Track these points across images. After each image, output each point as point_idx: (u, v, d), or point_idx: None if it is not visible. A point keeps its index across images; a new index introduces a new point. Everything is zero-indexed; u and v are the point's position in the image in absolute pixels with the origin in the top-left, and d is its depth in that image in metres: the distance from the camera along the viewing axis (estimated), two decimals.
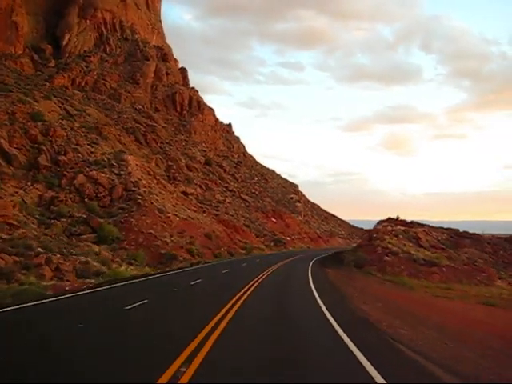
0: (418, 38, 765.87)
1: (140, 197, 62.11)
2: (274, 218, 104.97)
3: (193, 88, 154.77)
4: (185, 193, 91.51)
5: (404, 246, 48.26)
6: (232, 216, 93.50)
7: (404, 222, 66.34)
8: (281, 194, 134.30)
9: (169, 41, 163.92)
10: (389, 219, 68.66)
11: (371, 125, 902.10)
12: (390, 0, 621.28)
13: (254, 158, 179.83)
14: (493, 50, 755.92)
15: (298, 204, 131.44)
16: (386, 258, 44.10)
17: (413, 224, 65.45)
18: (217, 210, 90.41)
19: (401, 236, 52.34)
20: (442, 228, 68.24)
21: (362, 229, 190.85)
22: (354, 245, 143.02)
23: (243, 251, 70.64)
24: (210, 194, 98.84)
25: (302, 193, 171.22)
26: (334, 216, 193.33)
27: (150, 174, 75.16)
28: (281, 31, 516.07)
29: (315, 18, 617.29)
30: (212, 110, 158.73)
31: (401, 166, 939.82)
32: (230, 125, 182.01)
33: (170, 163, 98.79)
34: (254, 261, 56.70)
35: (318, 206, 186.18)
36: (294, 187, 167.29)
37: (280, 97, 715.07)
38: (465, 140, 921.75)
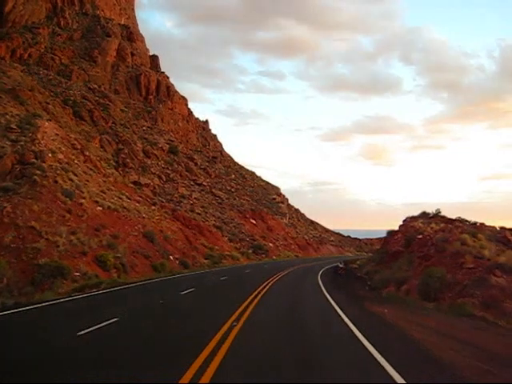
0: (398, 50, 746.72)
1: (40, 172, 36.63)
2: (254, 218, 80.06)
3: (163, 73, 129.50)
4: (137, 182, 66.13)
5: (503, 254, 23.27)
6: (199, 214, 68.25)
7: (446, 219, 41.70)
8: (261, 194, 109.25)
9: (149, 47, 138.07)
10: (423, 214, 44.04)
11: (351, 135, 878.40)
12: (371, 11, 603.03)
13: (232, 158, 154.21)
14: (471, 62, 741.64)
15: (281, 205, 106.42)
16: (495, 278, 19.17)
17: (462, 221, 40.73)
18: (178, 205, 65.07)
19: (480, 235, 27.47)
20: (491, 226, 44.07)
21: (349, 237, 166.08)
22: (350, 254, 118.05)
23: (207, 260, 45.25)
24: (171, 187, 73.48)
25: (284, 196, 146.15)
26: (318, 224, 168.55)
27: (75, 149, 49.54)
28: (262, 40, 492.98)
29: (296, 27, 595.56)
30: (185, 99, 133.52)
31: (380, 177, 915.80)
32: (206, 122, 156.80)
33: (120, 146, 73.30)
34: (215, 281, 31.41)
35: (302, 214, 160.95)
36: (276, 189, 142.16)
37: (261, 105, 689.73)
38: (443, 151, 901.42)
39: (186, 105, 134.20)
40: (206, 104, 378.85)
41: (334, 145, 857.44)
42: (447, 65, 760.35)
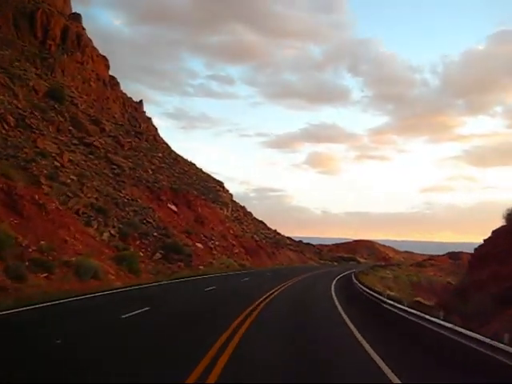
0: (347, 60, 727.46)
1: None
2: (175, 203, 45.81)
3: (77, 20, 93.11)
4: None
5: None
6: (65, 185, 33.60)
7: None
8: (196, 179, 75.23)
9: (97, 45, 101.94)
10: None
11: (297, 142, 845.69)
12: (322, 20, 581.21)
13: (168, 146, 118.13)
14: (416, 76, 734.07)
15: (223, 194, 72.79)
16: None
17: None
18: (27, 165, 30.14)
19: None
20: None
21: (301, 242, 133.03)
22: (314, 263, 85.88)
23: None
24: (25, 136, 38.31)
25: (229, 191, 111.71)
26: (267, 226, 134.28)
27: None
28: (212, 43, 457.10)
29: (247, 32, 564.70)
30: (106, 59, 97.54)
31: (325, 185, 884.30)
32: (140, 102, 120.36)
33: None
34: None
35: (249, 212, 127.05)
36: (219, 183, 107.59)
37: (209, 109, 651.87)
38: (387, 162, 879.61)
39: (108, 67, 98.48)
40: (153, 106, 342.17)
41: (281, 152, 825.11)
42: (393, 78, 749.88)
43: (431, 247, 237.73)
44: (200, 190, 66.41)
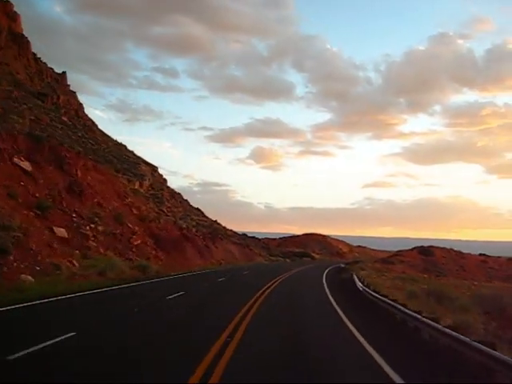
0: (292, 56, 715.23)
1: None
2: (32, 158, 25.63)
3: None
4: None
5: None
6: None
7: None
8: (109, 148, 54.55)
9: (36, 32, 78.26)
10: None
11: (242, 137, 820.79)
12: (268, 16, 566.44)
13: (94, 124, 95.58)
14: (360, 74, 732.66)
15: (143, 168, 52.77)
16: None
17: None
18: None
19: None
20: None
21: (245, 235, 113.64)
22: (264, 261, 67.13)
23: None
24: None
25: (163, 177, 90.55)
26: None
27: None
28: (157, 35, 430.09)
29: (193, 25, 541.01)
30: (8, 7, 75.51)
31: (268, 180, 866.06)
32: (63, 74, 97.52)
33: None
34: None
35: (185, 200, 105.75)
36: (152, 167, 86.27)
37: (153, 102, 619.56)
38: (330, 158, 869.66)
39: (8, 16, 75.90)
40: (96, 97, 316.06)
41: (225, 146, 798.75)
42: (338, 75, 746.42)
43: (375, 242, 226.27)
44: (107, 158, 45.87)
